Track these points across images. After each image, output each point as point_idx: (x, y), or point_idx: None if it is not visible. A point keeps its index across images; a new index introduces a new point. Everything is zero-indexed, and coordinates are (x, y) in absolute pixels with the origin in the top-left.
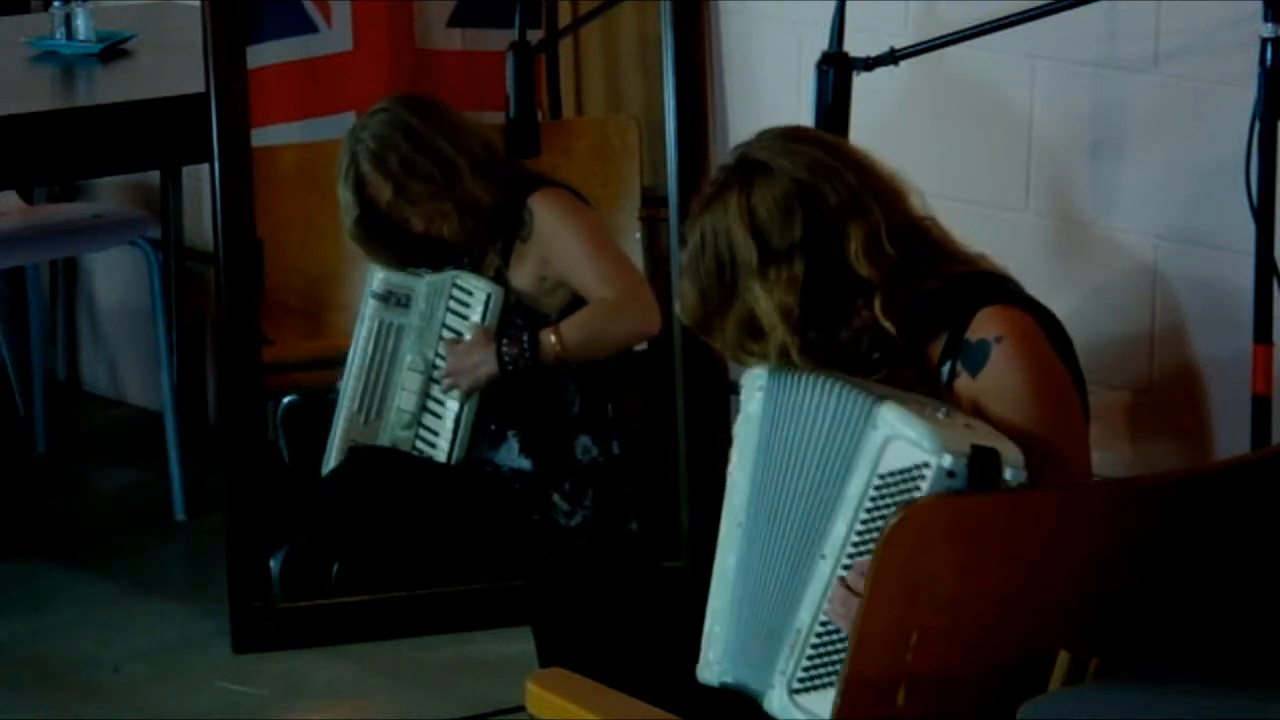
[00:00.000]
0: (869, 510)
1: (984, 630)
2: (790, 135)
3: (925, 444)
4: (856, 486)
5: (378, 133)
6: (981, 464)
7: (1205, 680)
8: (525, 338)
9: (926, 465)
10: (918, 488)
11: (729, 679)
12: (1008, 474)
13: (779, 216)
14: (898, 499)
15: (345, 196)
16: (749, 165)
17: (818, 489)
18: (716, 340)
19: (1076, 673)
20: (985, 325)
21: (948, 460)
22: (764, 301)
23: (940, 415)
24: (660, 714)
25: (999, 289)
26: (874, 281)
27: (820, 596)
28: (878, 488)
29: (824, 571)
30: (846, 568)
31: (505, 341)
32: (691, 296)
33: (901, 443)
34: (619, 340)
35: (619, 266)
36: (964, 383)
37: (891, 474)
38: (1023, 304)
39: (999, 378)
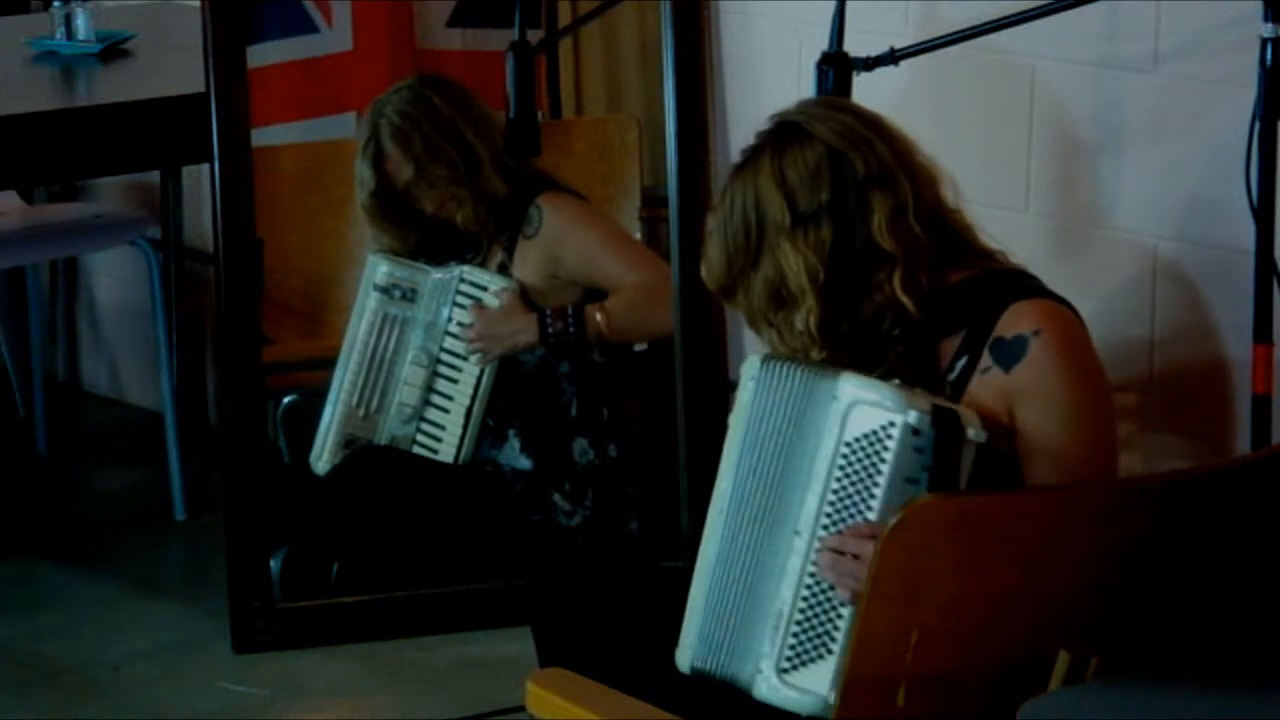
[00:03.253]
0: (839, 479)
1: (984, 630)
2: (829, 103)
3: (888, 403)
4: (824, 458)
5: (402, 109)
6: (944, 423)
7: (1205, 680)
8: (570, 311)
9: (892, 424)
10: (885, 447)
11: (699, 664)
12: (970, 433)
13: (808, 179)
14: (866, 463)
15: (362, 170)
16: (784, 128)
17: (787, 472)
18: (740, 305)
19: (1076, 673)
20: (1021, 320)
21: (913, 417)
22: (793, 261)
23: (896, 382)
24: (660, 714)
25: (1024, 284)
26: (895, 255)
27: (799, 572)
28: (845, 455)
29: (800, 547)
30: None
31: (549, 313)
32: (718, 259)
33: (865, 407)
34: (664, 325)
35: (648, 256)
36: (993, 378)
37: (858, 439)
38: (1051, 297)
39: (1037, 373)
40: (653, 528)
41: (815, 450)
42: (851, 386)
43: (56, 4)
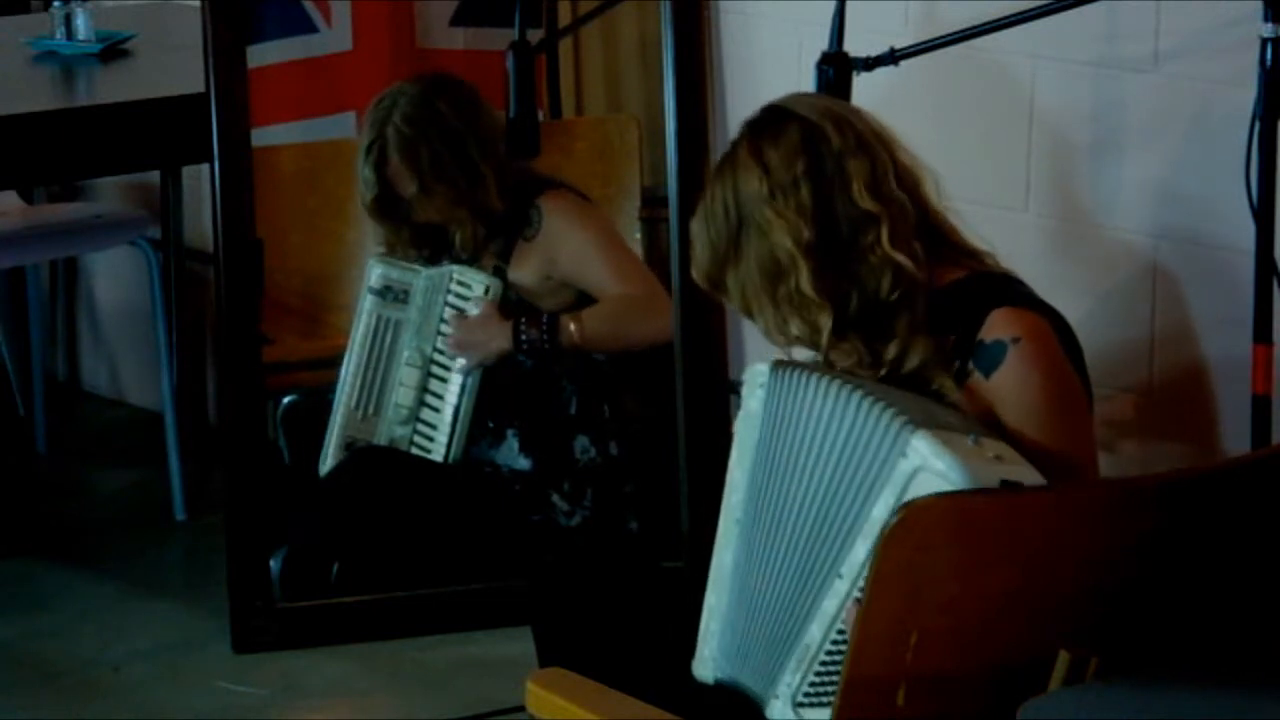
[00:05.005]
0: None
1: (984, 630)
2: (812, 94)
3: (953, 476)
4: (881, 512)
5: (409, 116)
6: None
7: (1205, 680)
8: (545, 319)
9: None
10: None
11: (724, 676)
12: None
13: (784, 153)
14: None
15: (366, 173)
16: (762, 112)
17: (835, 503)
18: (733, 292)
19: (1076, 673)
20: (1001, 326)
21: None
22: (777, 227)
23: (970, 442)
24: (660, 714)
25: (1011, 290)
26: (879, 215)
27: (834, 615)
28: None
29: (840, 590)
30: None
31: (524, 321)
32: (702, 250)
33: (930, 475)
34: (640, 338)
35: (636, 267)
36: (976, 383)
37: None
38: (1035, 306)
39: (1014, 381)
40: (653, 527)
41: (872, 498)
42: (925, 449)
43: (56, 4)
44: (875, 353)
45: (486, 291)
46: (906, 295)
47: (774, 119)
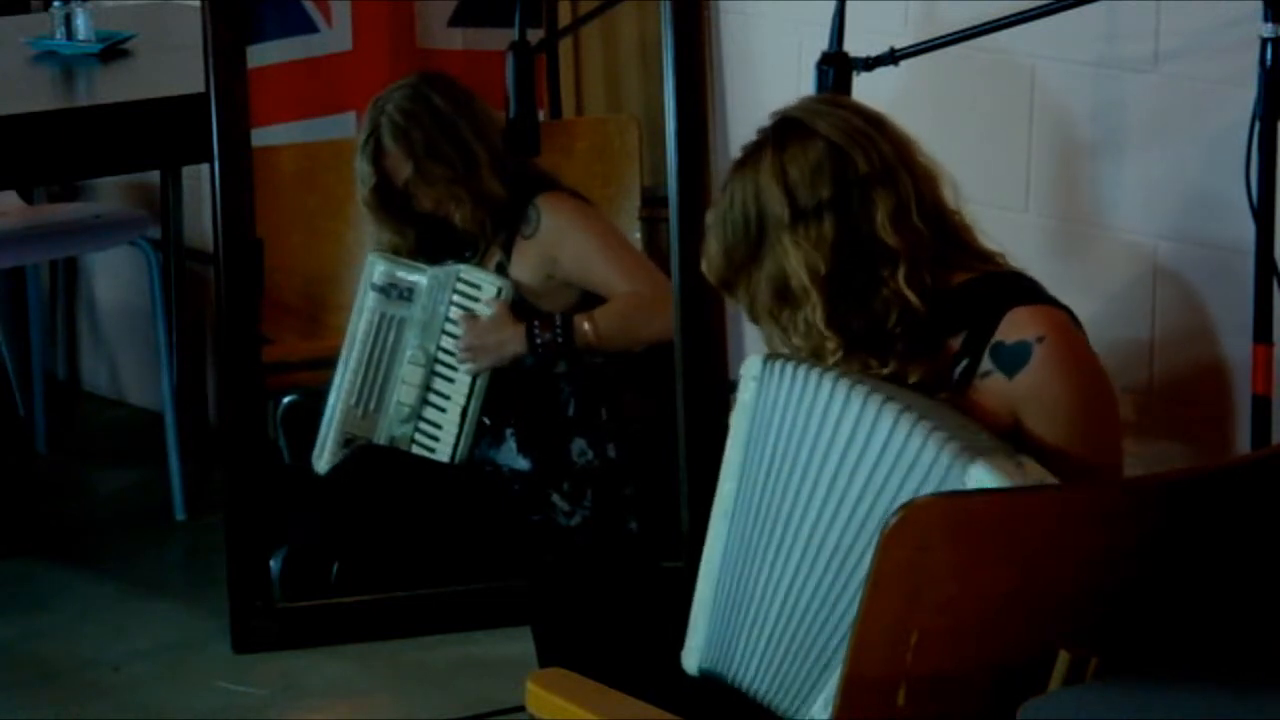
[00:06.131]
0: None
1: (984, 630)
2: (831, 100)
3: None
4: None
5: (402, 106)
6: None
7: (1205, 680)
8: (558, 321)
9: None
10: None
11: (710, 667)
12: None
13: (809, 175)
14: None
15: (363, 166)
16: (785, 124)
17: (873, 526)
18: (742, 299)
19: (1076, 673)
20: (1023, 326)
21: None
22: (794, 257)
23: (1014, 466)
24: (660, 714)
25: (1027, 289)
26: (899, 252)
27: None
28: None
29: None
30: None
31: (537, 324)
32: (716, 253)
33: None
34: (653, 335)
35: (642, 264)
36: (996, 383)
37: None
38: (1051, 303)
39: (1042, 381)
40: (653, 528)
41: None
42: (984, 478)
43: (56, 4)
44: (880, 363)
45: (499, 293)
46: (909, 328)
47: (800, 132)
